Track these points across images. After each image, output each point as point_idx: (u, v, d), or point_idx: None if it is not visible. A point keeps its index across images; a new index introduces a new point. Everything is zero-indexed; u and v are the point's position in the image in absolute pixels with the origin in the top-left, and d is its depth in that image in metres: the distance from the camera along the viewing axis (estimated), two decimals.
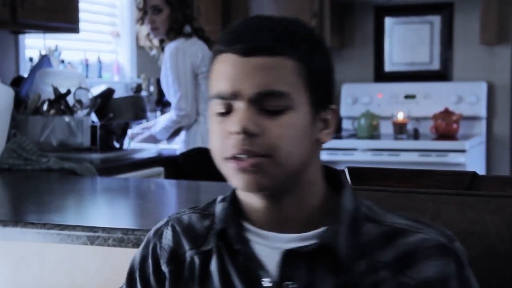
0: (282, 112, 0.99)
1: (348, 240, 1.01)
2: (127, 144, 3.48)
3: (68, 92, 3.16)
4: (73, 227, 1.70)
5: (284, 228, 1.04)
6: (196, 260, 1.07)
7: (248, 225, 1.06)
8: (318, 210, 1.04)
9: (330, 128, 1.05)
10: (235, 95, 0.99)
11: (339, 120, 1.07)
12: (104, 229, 1.67)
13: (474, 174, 1.27)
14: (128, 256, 1.75)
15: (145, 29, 3.66)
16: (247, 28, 1.01)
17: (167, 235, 1.11)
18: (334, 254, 1.00)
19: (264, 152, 0.98)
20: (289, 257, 1.00)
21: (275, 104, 0.99)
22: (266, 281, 1.01)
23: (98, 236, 1.67)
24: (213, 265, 1.06)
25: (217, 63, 1.03)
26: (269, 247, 1.03)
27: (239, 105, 0.99)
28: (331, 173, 1.09)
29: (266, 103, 0.99)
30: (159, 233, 1.12)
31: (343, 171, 1.11)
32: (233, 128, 0.98)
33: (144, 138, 3.65)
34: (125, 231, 1.66)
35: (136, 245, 1.66)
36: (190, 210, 1.13)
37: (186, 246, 1.09)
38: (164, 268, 1.10)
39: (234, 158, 0.99)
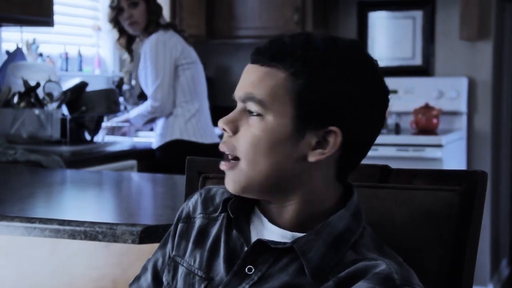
0: (258, 117, 1.04)
1: (324, 254, 1.04)
2: (101, 137, 3.51)
3: (38, 85, 3.18)
4: (11, 218, 1.72)
5: (276, 222, 1.09)
6: (199, 222, 1.17)
7: (257, 209, 1.12)
8: (311, 218, 1.08)
9: (326, 149, 1.04)
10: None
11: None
12: (41, 220, 1.69)
13: (385, 167, 1.29)
14: (76, 247, 1.79)
15: (115, 32, 3.67)
16: (270, 41, 1.07)
17: (193, 199, 1.21)
18: (302, 259, 1.03)
19: (232, 153, 1.06)
20: (260, 247, 1.06)
21: (252, 108, 1.04)
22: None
23: (35, 227, 1.69)
24: (213, 230, 1.15)
25: None
26: (258, 232, 1.10)
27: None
28: (350, 194, 1.11)
29: (248, 107, 1.05)
30: (191, 197, 1.22)
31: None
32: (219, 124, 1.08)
33: (122, 121, 3.70)
34: (61, 222, 1.68)
35: (71, 236, 1.68)
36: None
37: (199, 210, 1.19)
38: (179, 224, 1.20)
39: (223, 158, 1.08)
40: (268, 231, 1.09)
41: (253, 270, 1.06)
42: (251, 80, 1.05)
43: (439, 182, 1.23)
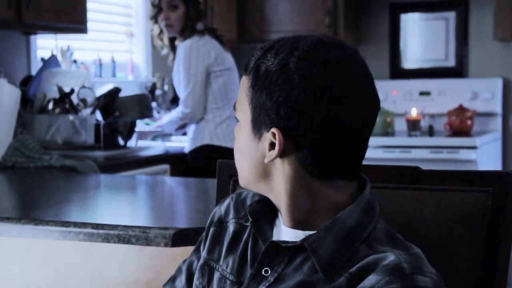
0: (238, 123, 1.14)
1: (335, 249, 1.05)
2: (134, 142, 3.54)
3: (72, 91, 3.23)
4: (47, 222, 1.75)
5: (288, 222, 1.11)
6: (232, 227, 1.19)
7: (279, 213, 1.14)
8: (315, 215, 1.08)
9: (274, 150, 1.07)
10: None
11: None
12: (75, 224, 1.72)
13: (416, 168, 1.28)
14: (111, 251, 1.81)
15: (156, 28, 3.71)
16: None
17: (225, 203, 1.24)
18: (312, 256, 1.05)
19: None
20: (273, 248, 1.09)
21: (236, 115, 1.14)
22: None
23: (70, 231, 1.71)
24: (244, 235, 1.17)
25: None
26: (278, 234, 1.13)
27: None
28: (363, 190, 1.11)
29: (235, 114, 1.15)
30: (223, 201, 1.25)
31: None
32: None
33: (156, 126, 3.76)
34: (95, 225, 1.70)
35: (105, 239, 1.70)
36: None
37: (231, 215, 1.21)
38: (211, 228, 1.23)
39: None
40: (284, 233, 1.11)
41: (269, 272, 1.08)
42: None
43: (471, 183, 1.22)
